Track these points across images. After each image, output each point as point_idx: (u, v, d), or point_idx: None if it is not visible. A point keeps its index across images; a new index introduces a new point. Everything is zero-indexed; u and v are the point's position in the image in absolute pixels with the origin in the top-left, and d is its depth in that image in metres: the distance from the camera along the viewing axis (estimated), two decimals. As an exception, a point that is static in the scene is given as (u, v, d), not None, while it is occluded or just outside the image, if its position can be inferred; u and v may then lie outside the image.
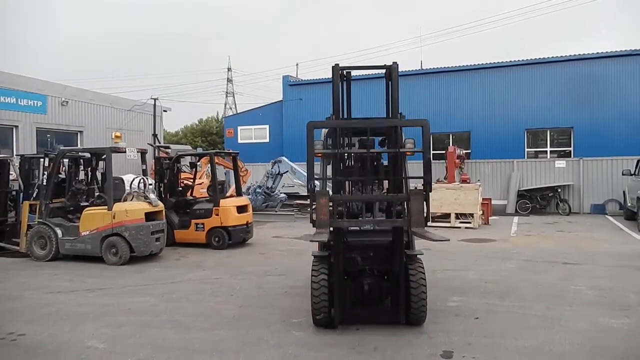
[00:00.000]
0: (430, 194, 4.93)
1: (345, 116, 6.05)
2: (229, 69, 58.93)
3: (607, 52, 21.24)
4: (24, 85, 17.81)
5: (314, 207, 4.85)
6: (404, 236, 5.23)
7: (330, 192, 5.19)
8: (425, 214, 4.70)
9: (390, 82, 5.65)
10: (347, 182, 5.90)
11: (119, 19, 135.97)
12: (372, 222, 5.11)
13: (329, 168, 5.82)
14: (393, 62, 5.50)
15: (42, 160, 10.47)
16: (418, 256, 5.42)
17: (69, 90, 19.77)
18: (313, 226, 4.79)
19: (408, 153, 5.57)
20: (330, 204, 4.88)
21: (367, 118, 5.91)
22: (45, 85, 18.89)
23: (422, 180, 4.96)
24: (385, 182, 6.35)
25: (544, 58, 22.42)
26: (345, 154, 5.80)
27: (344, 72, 5.97)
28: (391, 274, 5.36)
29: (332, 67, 5.47)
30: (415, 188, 4.99)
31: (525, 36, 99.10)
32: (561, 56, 22.05)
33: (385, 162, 6.17)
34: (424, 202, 4.69)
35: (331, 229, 4.84)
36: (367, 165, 5.17)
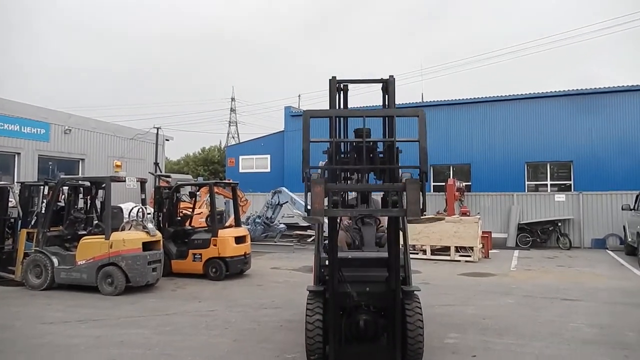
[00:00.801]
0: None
1: (342, 129, 5.93)
2: (233, 99, 59.80)
3: (606, 87, 21.54)
4: (29, 113, 18.04)
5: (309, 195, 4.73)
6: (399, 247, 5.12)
7: None
8: (421, 204, 4.61)
9: (387, 96, 5.59)
10: (342, 175, 5.77)
11: (124, 48, 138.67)
12: (368, 212, 4.93)
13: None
14: (390, 76, 5.44)
15: (42, 188, 10.51)
16: (415, 292, 5.34)
17: (72, 119, 20.01)
18: (308, 215, 4.71)
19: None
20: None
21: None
22: (50, 113, 19.13)
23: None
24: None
25: (543, 92, 22.71)
26: (342, 144, 5.63)
27: (341, 85, 5.93)
28: (388, 310, 5.26)
29: (329, 79, 5.42)
30: (411, 176, 4.89)
31: (524, 70, 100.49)
32: (560, 90, 22.36)
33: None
34: (420, 192, 4.63)
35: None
36: (363, 156, 5.09)
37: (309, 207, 4.51)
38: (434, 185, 23.49)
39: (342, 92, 5.83)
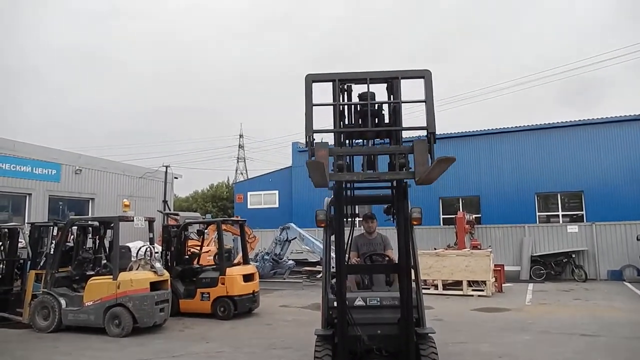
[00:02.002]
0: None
1: (346, 114, 5.78)
2: (241, 136, 60.52)
3: (615, 116, 21.52)
4: (40, 155, 18.31)
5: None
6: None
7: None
8: (429, 165, 4.48)
9: (391, 95, 5.48)
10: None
11: (130, 86, 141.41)
12: (375, 175, 4.80)
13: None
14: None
15: (51, 228, 10.52)
16: (429, 334, 5.16)
17: (83, 159, 20.27)
18: (313, 181, 4.52)
19: (414, 222, 5.42)
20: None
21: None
22: (60, 154, 19.42)
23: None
24: None
25: (551, 123, 22.74)
26: (345, 109, 5.49)
27: (345, 85, 5.79)
28: (401, 354, 5.06)
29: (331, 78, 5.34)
30: (419, 138, 4.78)
31: (531, 102, 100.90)
32: (569, 120, 22.37)
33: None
34: (428, 154, 4.51)
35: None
36: (368, 119, 4.92)
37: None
38: (443, 218, 23.31)
39: (345, 92, 5.66)
